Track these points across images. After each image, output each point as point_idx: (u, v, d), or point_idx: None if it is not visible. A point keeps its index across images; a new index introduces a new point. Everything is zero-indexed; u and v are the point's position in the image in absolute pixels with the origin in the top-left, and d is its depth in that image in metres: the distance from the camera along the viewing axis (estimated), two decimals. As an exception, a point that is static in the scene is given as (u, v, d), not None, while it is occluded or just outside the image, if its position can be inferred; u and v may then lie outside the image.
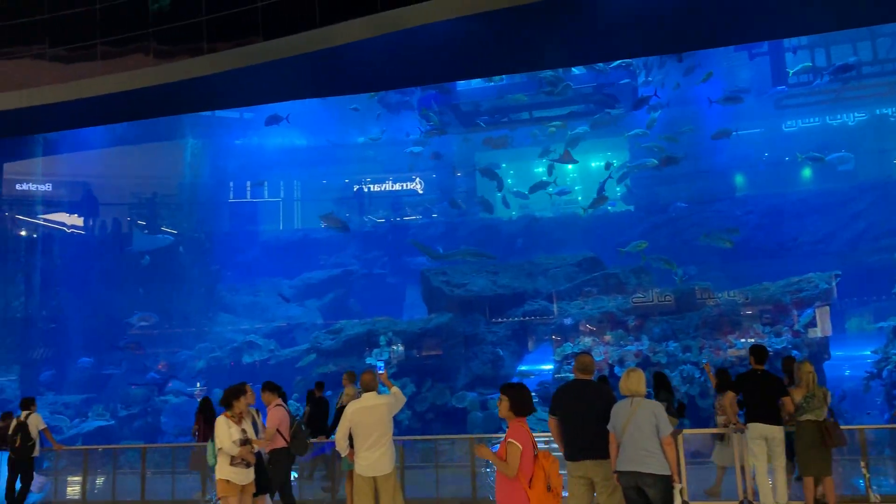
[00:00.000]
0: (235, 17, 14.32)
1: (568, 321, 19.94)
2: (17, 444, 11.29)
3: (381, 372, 8.55)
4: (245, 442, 6.95)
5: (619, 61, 24.16)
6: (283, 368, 22.60)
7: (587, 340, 19.18)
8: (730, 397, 8.01)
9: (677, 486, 5.82)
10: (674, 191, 26.95)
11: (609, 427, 6.05)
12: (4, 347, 23.31)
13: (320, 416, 12.05)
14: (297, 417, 9.24)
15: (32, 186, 26.39)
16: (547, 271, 22.37)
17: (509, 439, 5.29)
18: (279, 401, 8.84)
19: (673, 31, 13.99)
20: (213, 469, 7.14)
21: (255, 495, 7.34)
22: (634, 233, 25.17)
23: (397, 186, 31.02)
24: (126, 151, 26.16)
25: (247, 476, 7.06)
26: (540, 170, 28.16)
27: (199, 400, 13.72)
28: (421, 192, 30.81)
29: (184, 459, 12.09)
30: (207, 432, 12.81)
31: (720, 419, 9.45)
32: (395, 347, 21.32)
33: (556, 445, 6.60)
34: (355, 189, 31.08)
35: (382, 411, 7.06)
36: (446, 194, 30.00)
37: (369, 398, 7.11)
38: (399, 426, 7.68)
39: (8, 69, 15.91)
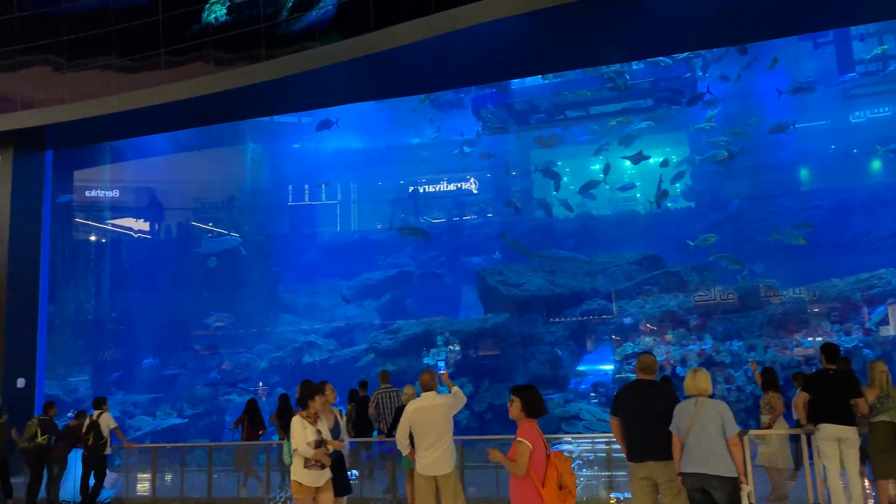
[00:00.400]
0: (291, 23, 14.58)
1: (628, 321, 19.66)
2: (89, 442, 11.73)
3: (441, 372, 8.55)
4: (320, 443, 6.79)
5: (677, 56, 23.69)
6: (343, 368, 22.90)
7: (648, 340, 18.89)
8: (802, 398, 7.76)
9: (745, 489, 5.67)
10: (736, 186, 26.21)
11: (672, 428, 5.93)
12: (77, 349, 24.20)
13: (364, 416, 12.26)
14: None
15: (101, 193, 27.36)
16: (606, 270, 22.07)
17: (518, 438, 5.30)
18: None
19: (734, 23, 13.61)
20: (289, 468, 7.06)
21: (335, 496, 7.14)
22: (695, 230, 24.64)
23: (452, 187, 31.06)
24: (189, 157, 26.89)
25: (321, 478, 6.87)
26: (597, 167, 27.84)
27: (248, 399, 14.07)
28: (476, 191, 30.79)
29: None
30: (251, 432, 13.21)
31: (765, 419, 9.28)
32: (451, 347, 21.38)
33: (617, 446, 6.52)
34: (410, 190, 31.25)
35: (442, 411, 7.07)
36: (501, 194, 29.92)
37: (429, 398, 7.13)
38: (458, 426, 7.68)
39: (79, 81, 16.52)
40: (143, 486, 12.87)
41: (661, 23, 13.26)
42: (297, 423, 6.81)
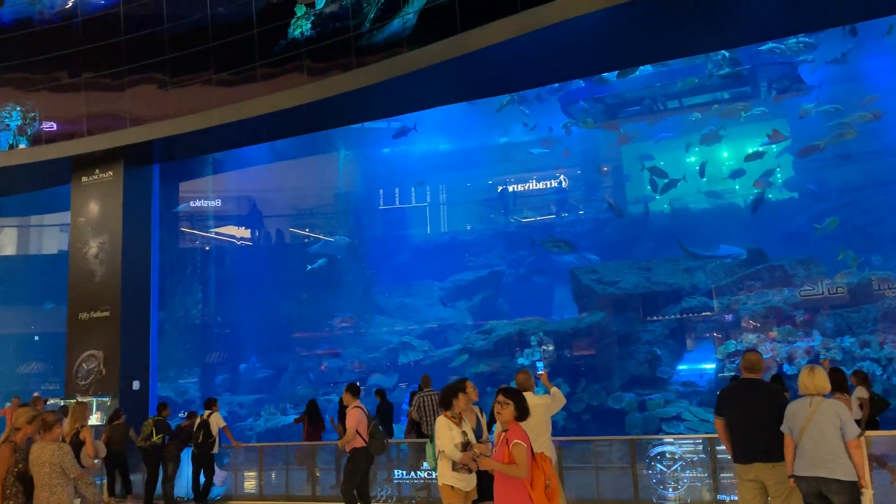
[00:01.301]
0: (376, 32, 14.83)
1: (729, 317, 18.97)
2: (198, 441, 12.28)
3: (540, 372, 8.46)
4: (466, 446, 6.30)
5: (776, 41, 22.65)
6: (438, 368, 23.06)
7: (751, 337, 18.15)
8: None
9: (866, 493, 5.37)
10: (842, 174, 24.78)
11: (784, 429, 5.68)
12: (186, 352, 25.37)
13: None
14: (374, 418, 9.39)
15: (204, 203, 28.62)
16: (705, 266, 21.34)
17: (516, 440, 5.23)
18: (357, 402, 9.22)
19: (834, 4, 12.92)
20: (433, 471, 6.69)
21: (476, 502, 6.70)
22: (800, 221, 23.50)
23: (542, 185, 30.77)
24: (285, 166, 27.76)
25: (470, 482, 6.42)
26: (693, 160, 26.97)
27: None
28: (566, 188, 30.41)
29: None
30: (312, 433, 13.57)
31: None
32: (546, 347, 21.21)
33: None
34: (499, 190, 31.17)
35: (539, 411, 7.01)
36: (592, 190, 29.44)
37: (526, 398, 7.09)
38: (555, 427, 7.60)
39: (182, 97, 17.34)
40: (250, 485, 13.36)
41: (755, 8, 12.72)
42: (444, 425, 6.37)
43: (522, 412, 5.47)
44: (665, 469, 9.72)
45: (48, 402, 15.08)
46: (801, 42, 23.82)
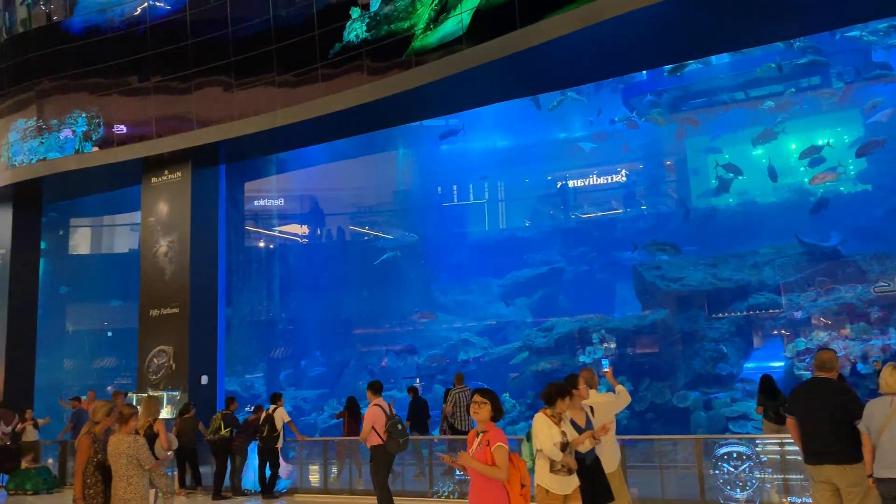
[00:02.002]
0: (431, 31, 14.85)
1: (799, 314, 18.38)
2: (264, 434, 12.57)
3: (606, 369, 8.36)
4: (565, 446, 5.97)
5: (847, 29, 21.77)
6: (497, 366, 23.07)
7: (822, 335, 17.56)
8: None
9: (950, 498, 5.14)
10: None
11: (862, 427, 5.49)
12: (252, 347, 25.97)
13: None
14: (394, 417, 9.35)
15: (268, 202, 29.25)
16: (773, 261, 20.67)
17: (498, 443, 5.23)
18: (378, 399, 9.38)
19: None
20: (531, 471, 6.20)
21: None
22: (874, 215, 22.56)
23: (602, 180, 30.35)
24: (345, 165, 28.13)
25: (569, 485, 6.03)
26: (759, 152, 26.19)
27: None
28: (627, 183, 29.92)
29: (408, 452, 12.79)
30: (352, 427, 13.71)
31: None
32: (608, 345, 20.96)
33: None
34: (559, 185, 30.89)
35: (602, 410, 6.94)
36: (655, 185, 28.89)
37: (590, 396, 7.03)
38: (618, 425, 7.50)
39: (246, 99, 17.72)
40: (314, 478, 13.61)
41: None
42: (542, 423, 6.04)
43: (498, 412, 5.49)
44: (733, 469, 9.51)
45: (127, 396, 15.63)
46: (881, 29, 22.81)
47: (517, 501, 5.27)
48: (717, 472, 9.59)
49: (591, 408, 6.67)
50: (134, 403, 14.65)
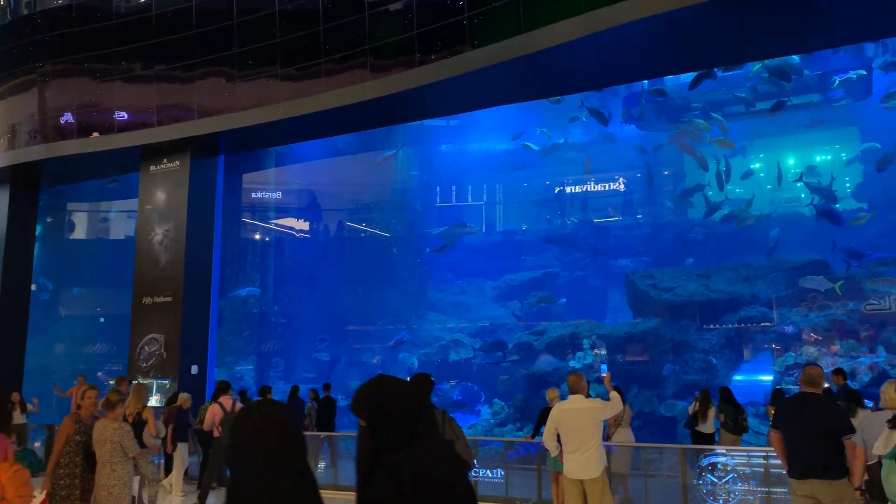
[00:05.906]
0: (445, 28, 14.88)
1: (790, 329, 18.47)
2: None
3: (604, 374, 8.38)
4: None
5: (846, 47, 21.87)
6: (488, 367, 23.11)
7: (812, 350, 17.66)
8: None
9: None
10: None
11: (858, 441, 5.53)
12: (244, 339, 25.92)
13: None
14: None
15: (266, 195, 29.24)
16: (766, 275, 20.77)
17: None
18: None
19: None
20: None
21: None
22: (868, 234, 22.67)
23: (599, 187, 30.42)
24: (344, 161, 28.13)
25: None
26: (757, 165, 26.27)
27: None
28: (624, 191, 29.99)
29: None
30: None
31: None
32: (598, 351, 21.02)
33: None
34: (556, 191, 30.95)
35: (588, 415, 6.98)
36: (652, 194, 28.96)
37: (575, 401, 7.06)
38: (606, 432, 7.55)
39: (248, 90, 17.72)
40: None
41: (828, 12, 12.30)
42: None
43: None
44: (716, 480, 9.57)
45: (132, 383, 15.54)
46: (878, 44, 22.93)
47: None
48: (700, 482, 9.65)
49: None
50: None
